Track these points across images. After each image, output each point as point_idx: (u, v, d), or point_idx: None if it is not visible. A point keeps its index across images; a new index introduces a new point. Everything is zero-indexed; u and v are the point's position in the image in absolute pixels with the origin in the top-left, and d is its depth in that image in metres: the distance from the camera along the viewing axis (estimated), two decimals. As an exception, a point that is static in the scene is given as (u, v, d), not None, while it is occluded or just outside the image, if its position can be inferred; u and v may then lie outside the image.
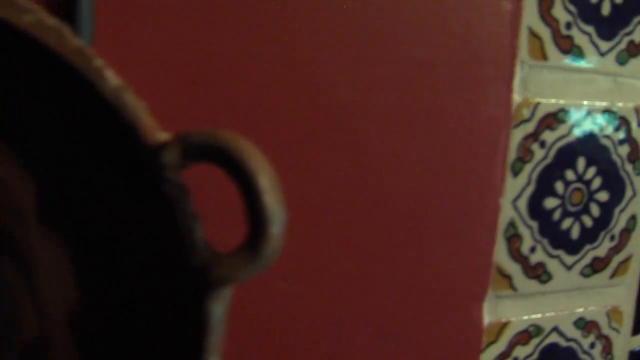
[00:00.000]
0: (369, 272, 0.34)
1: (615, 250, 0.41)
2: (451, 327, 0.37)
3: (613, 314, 0.42)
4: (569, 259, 0.39)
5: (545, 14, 0.35)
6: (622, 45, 0.38)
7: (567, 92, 0.37)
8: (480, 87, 0.35)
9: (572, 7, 0.36)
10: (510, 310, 0.38)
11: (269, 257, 0.23)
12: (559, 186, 0.37)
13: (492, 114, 0.35)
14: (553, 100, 0.37)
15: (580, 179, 0.38)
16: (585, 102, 0.38)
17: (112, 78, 0.21)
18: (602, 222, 0.40)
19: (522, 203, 0.37)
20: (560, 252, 0.39)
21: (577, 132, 0.38)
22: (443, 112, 0.34)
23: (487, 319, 0.38)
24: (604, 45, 0.38)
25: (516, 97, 0.36)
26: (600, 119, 0.38)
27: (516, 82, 0.35)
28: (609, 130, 0.39)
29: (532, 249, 0.38)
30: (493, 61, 0.35)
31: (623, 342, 0.43)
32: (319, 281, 0.33)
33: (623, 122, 0.39)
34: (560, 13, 0.35)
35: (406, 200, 0.34)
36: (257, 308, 0.32)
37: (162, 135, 0.23)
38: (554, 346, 0.40)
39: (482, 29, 0.34)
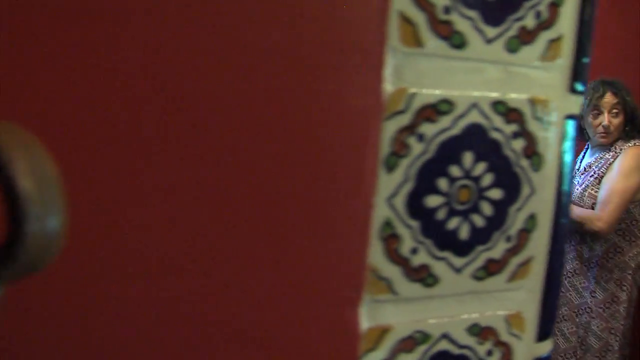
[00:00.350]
0: (227, 275, 0.34)
1: (513, 252, 0.40)
2: (322, 333, 0.36)
3: (513, 319, 0.41)
4: (458, 261, 0.38)
5: (419, -3, 0.34)
6: (512, 32, 0.37)
7: (449, 81, 0.36)
8: (345, 75, 0.34)
9: (450, -9, 0.35)
10: (392, 315, 0.37)
11: (31, 258, 0.22)
12: (443, 183, 0.37)
13: (359, 105, 0.34)
14: (433, 91, 0.35)
15: (467, 175, 0.37)
16: (472, 93, 0.37)
17: None
18: (496, 222, 0.39)
19: (400, 201, 0.36)
20: (447, 254, 0.38)
21: (463, 125, 0.37)
22: (302, 102, 0.33)
23: (365, 324, 0.37)
24: (491, 32, 0.36)
25: (388, 87, 0.35)
26: (490, 111, 0.37)
27: (388, 71, 0.34)
28: (500, 123, 0.38)
29: (414, 250, 0.37)
30: (359, 48, 0.34)
31: (526, 349, 0.42)
32: (170, 283, 0.32)
33: (516, 114, 0.38)
34: (436, -3, 0.34)
35: (266, 197, 0.34)
36: (90, 312, 0.31)
37: None
38: (444, 353, 0.39)
39: (345, 13, 0.33)
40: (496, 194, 0.38)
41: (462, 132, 0.37)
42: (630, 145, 2.40)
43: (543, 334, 0.43)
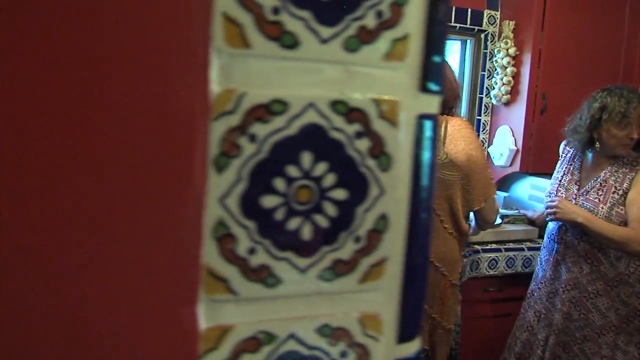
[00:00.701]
0: (58, 275, 0.35)
1: (363, 252, 0.41)
2: (159, 332, 0.38)
3: (367, 320, 0.42)
4: (302, 262, 0.39)
5: (245, -2, 0.35)
6: (351, 32, 0.38)
7: (283, 82, 0.37)
8: (169, 76, 0.35)
9: (279, -9, 0.36)
10: (233, 315, 0.39)
11: None
12: (280, 183, 0.38)
13: (185, 106, 0.36)
14: (264, 91, 0.37)
15: (307, 175, 0.38)
16: (308, 93, 0.38)
17: None
18: (342, 223, 0.40)
19: (233, 201, 0.37)
20: (289, 255, 0.39)
21: (299, 125, 0.38)
22: (125, 104, 0.35)
23: (204, 324, 0.38)
24: (326, 32, 0.38)
25: (215, 88, 0.36)
26: (329, 111, 0.38)
27: (214, 72, 0.36)
28: (341, 123, 0.39)
29: (252, 251, 0.38)
30: (183, 49, 0.35)
31: (385, 351, 0.43)
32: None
33: (359, 114, 0.39)
34: (263, -3, 0.36)
35: (94, 200, 0.35)
36: None
37: None
38: (292, 354, 0.40)
39: (166, 14, 0.35)
40: (340, 194, 0.39)
41: (299, 132, 0.38)
42: None
43: (405, 335, 0.44)
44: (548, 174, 3.13)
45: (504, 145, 3.26)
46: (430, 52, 0.41)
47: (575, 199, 2.46)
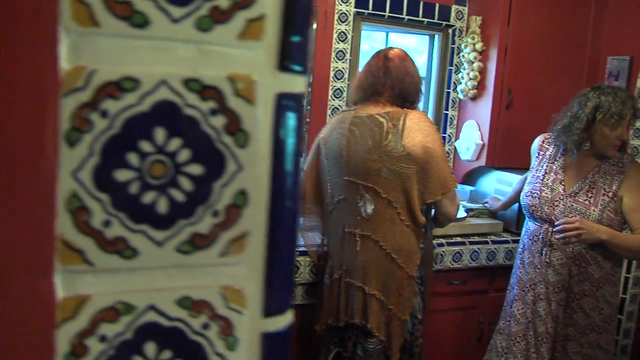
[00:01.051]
0: None
1: (222, 227, 0.43)
2: (14, 303, 0.39)
3: (230, 293, 0.44)
4: (159, 235, 0.41)
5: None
6: (203, 12, 0.40)
7: (134, 59, 0.39)
8: (17, 53, 0.37)
9: (125, -28, 0.37)
10: (90, 285, 0.40)
11: None
12: (133, 158, 0.39)
13: (35, 82, 0.37)
14: (114, 68, 0.38)
15: (161, 150, 0.40)
16: (160, 70, 0.39)
17: None
18: (198, 197, 0.42)
19: (86, 174, 0.39)
20: (145, 227, 0.41)
21: (151, 102, 0.39)
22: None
23: (61, 294, 0.40)
24: (177, 12, 0.39)
25: (65, 65, 0.37)
26: (182, 88, 0.40)
27: (63, 50, 0.37)
28: (195, 100, 0.40)
29: (107, 223, 0.40)
30: (31, 27, 0.37)
31: (250, 324, 0.45)
32: None
33: (213, 91, 0.41)
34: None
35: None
36: None
37: None
38: (153, 325, 0.42)
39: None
40: (196, 169, 0.41)
41: (151, 109, 0.40)
42: (628, 157, 2.37)
43: (273, 309, 0.45)
44: (514, 169, 3.18)
45: (471, 139, 3.30)
46: (290, 32, 0.43)
47: (563, 199, 2.40)
